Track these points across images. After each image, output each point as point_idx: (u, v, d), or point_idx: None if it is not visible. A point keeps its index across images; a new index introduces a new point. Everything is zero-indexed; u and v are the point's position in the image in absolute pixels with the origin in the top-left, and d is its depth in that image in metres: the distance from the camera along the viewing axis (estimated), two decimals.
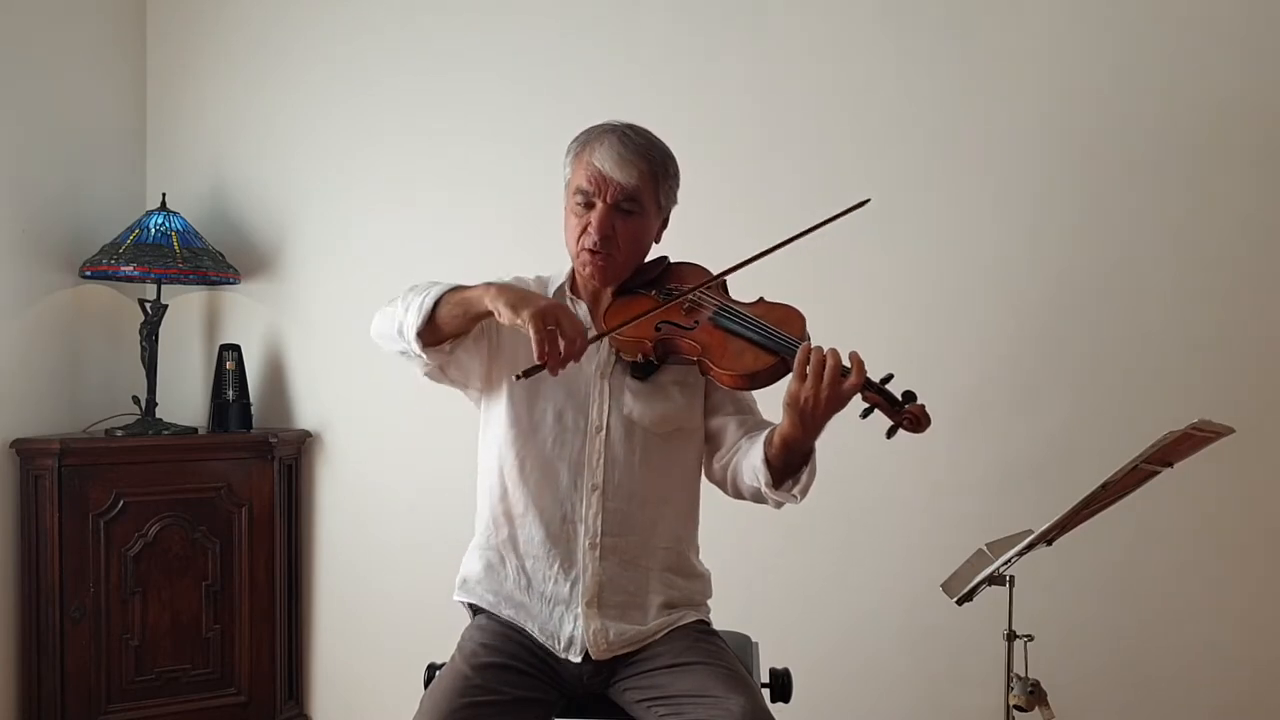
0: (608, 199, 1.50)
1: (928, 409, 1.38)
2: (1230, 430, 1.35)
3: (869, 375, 1.37)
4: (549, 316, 1.32)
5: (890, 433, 1.40)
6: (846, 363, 1.36)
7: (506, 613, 1.55)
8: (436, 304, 1.42)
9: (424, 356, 1.48)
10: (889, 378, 1.40)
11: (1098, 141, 2.20)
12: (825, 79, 2.37)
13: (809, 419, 1.37)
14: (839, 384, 1.35)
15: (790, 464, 1.45)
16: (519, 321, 1.33)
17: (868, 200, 1.51)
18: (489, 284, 1.41)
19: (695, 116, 2.41)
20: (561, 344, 1.32)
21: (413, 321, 1.43)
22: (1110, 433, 2.15)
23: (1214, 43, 2.14)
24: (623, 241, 1.53)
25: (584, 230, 1.52)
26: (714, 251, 1.76)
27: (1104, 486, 1.38)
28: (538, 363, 1.32)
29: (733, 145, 2.41)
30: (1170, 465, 1.41)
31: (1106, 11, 2.19)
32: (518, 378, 1.36)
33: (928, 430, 1.38)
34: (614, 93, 2.49)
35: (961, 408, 2.26)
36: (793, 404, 1.37)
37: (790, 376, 1.38)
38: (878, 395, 1.38)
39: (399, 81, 2.68)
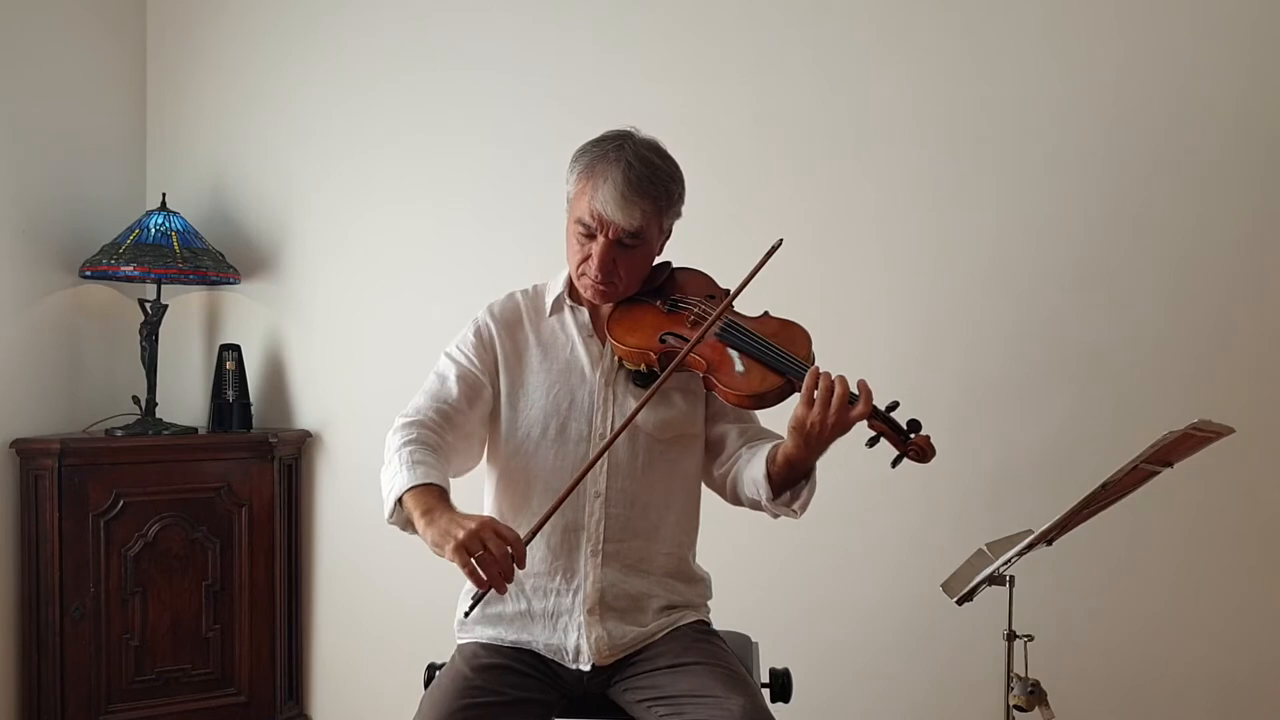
0: (609, 235, 1.48)
1: (932, 439, 1.39)
2: (1230, 430, 1.35)
3: (875, 403, 1.37)
4: (473, 545, 1.26)
5: (895, 462, 1.41)
6: (854, 390, 1.37)
7: (509, 639, 1.54)
8: (399, 501, 1.38)
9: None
10: (895, 405, 1.40)
11: (1099, 142, 2.20)
12: (826, 80, 2.37)
13: (813, 442, 1.38)
14: (846, 411, 1.35)
15: (791, 480, 1.46)
16: (445, 558, 1.28)
17: (780, 242, 1.48)
18: (427, 513, 1.33)
19: (697, 119, 2.41)
20: (495, 567, 1.26)
21: (387, 508, 1.40)
22: (1110, 433, 2.15)
23: (1217, 45, 2.13)
24: (624, 271, 1.53)
25: (585, 258, 1.51)
26: (714, 253, 1.76)
27: (1104, 486, 1.38)
28: (480, 591, 1.29)
29: (734, 147, 2.41)
30: (1170, 465, 1.41)
31: (1112, 12, 2.19)
32: (466, 615, 1.42)
33: (932, 461, 1.38)
34: (616, 95, 2.48)
35: (962, 407, 2.26)
36: (798, 428, 1.38)
37: (797, 399, 1.39)
38: (884, 424, 1.39)
39: (399, 82, 2.68)
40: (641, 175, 1.47)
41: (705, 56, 2.45)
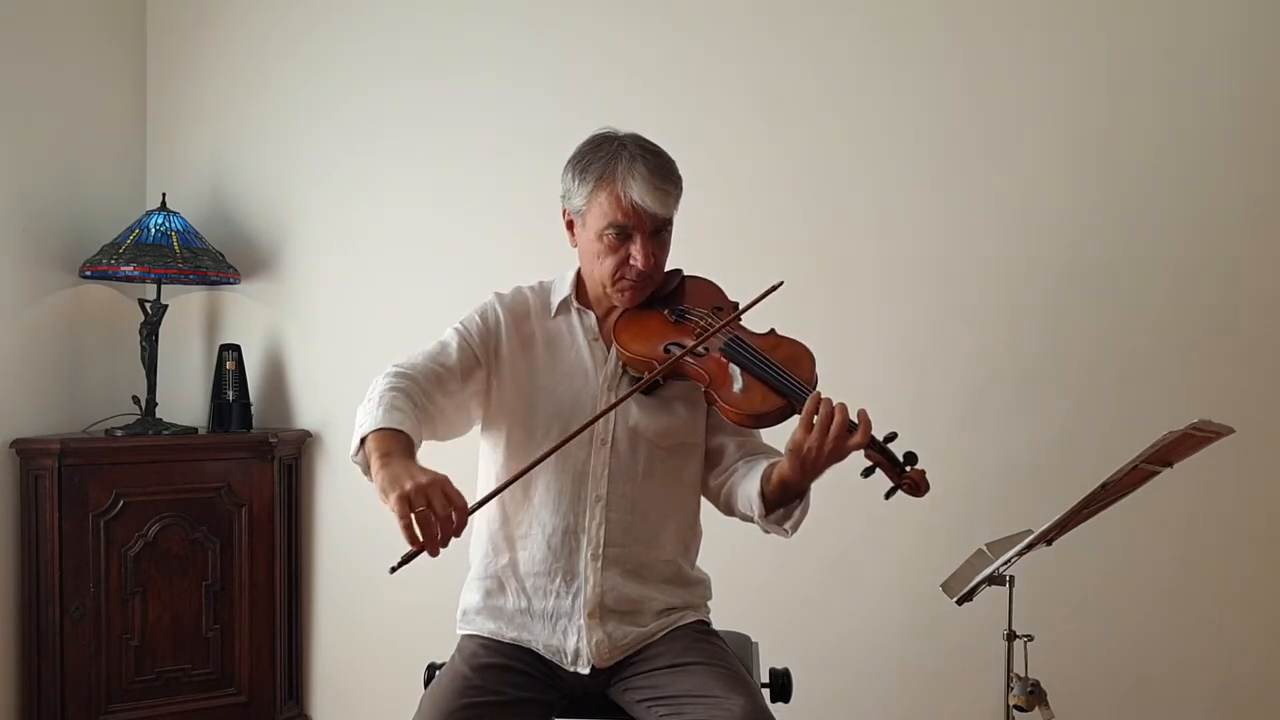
0: (648, 229, 1.49)
1: (927, 474, 1.39)
2: (1230, 430, 1.35)
3: (874, 434, 1.37)
4: (417, 499, 1.23)
5: (889, 494, 1.41)
6: (854, 419, 1.37)
7: (510, 636, 1.54)
8: (363, 442, 1.38)
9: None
10: (893, 436, 1.40)
11: (1098, 142, 2.20)
12: (825, 81, 2.37)
13: (809, 467, 1.39)
14: (844, 439, 1.35)
15: (784, 499, 1.47)
16: (388, 506, 1.25)
17: (780, 284, 1.48)
18: (385, 456, 1.32)
19: (697, 119, 2.42)
20: (436, 525, 1.22)
21: (353, 445, 1.41)
22: (1110, 433, 2.15)
23: (1216, 44, 2.13)
24: (659, 263, 1.53)
25: (623, 263, 1.50)
26: (713, 256, 1.76)
27: (1104, 486, 1.38)
28: (412, 549, 1.24)
29: (735, 148, 2.41)
30: (1170, 465, 1.40)
31: (1111, 9, 2.19)
32: (392, 570, 1.27)
33: (926, 495, 1.38)
34: (617, 94, 2.49)
35: (961, 408, 2.26)
36: (795, 451, 1.38)
37: (796, 421, 1.39)
38: (880, 455, 1.39)
39: (399, 82, 2.68)
40: (659, 163, 1.50)
41: (705, 58, 2.45)
